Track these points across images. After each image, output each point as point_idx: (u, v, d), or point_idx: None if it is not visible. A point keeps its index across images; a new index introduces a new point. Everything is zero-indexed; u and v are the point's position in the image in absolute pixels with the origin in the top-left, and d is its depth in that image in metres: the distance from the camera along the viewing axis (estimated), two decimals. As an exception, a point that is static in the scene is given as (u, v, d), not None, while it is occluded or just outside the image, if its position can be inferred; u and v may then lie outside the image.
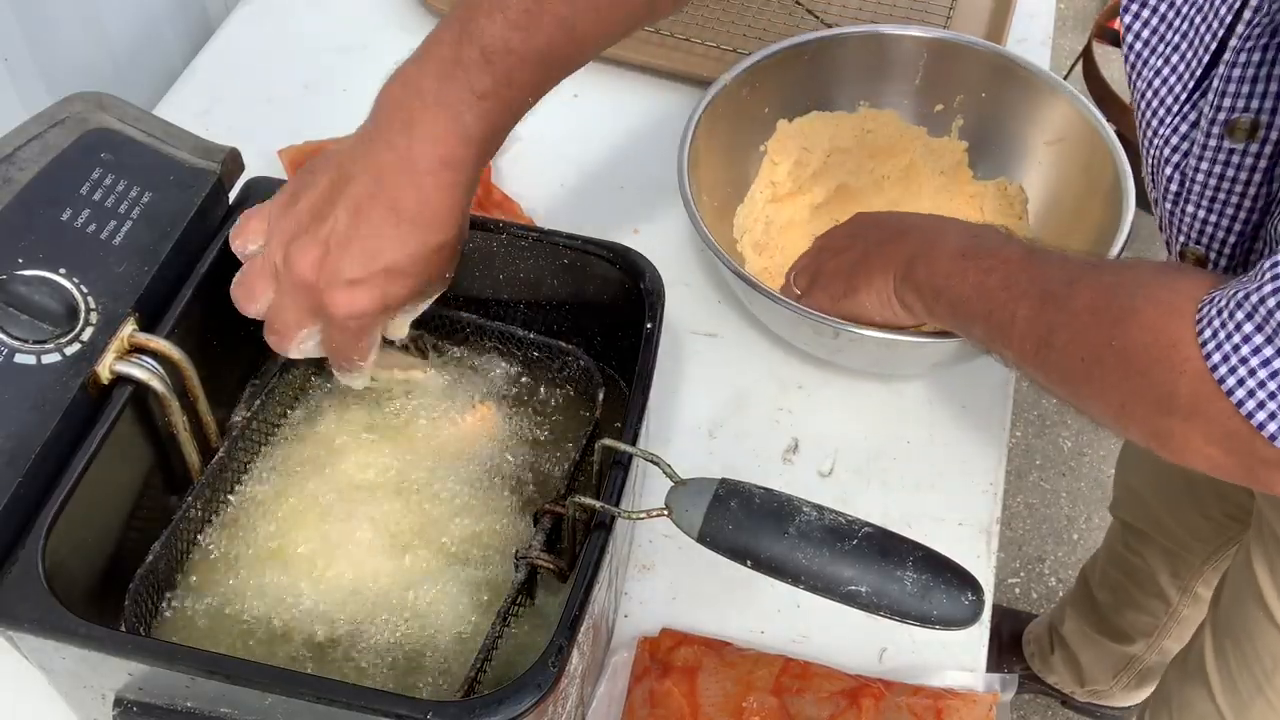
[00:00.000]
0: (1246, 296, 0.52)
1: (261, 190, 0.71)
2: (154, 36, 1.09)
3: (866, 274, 0.76)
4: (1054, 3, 1.21)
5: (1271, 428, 0.52)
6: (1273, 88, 0.58)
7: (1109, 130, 0.89)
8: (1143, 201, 0.84)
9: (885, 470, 0.83)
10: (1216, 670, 0.94)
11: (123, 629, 0.59)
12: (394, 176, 0.59)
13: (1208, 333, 0.54)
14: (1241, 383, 0.52)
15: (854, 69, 0.96)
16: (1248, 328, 0.52)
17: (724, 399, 0.86)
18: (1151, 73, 0.65)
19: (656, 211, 0.97)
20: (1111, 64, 2.34)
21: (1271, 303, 0.51)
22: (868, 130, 0.97)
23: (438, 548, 0.67)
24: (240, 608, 0.64)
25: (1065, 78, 2.08)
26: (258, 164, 0.80)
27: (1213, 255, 0.66)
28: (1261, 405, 0.52)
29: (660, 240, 0.95)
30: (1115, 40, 2.15)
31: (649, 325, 0.67)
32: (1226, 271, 0.66)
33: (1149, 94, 0.66)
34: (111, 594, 0.61)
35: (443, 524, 0.67)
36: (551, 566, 0.61)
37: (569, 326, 0.75)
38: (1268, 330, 0.51)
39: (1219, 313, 0.53)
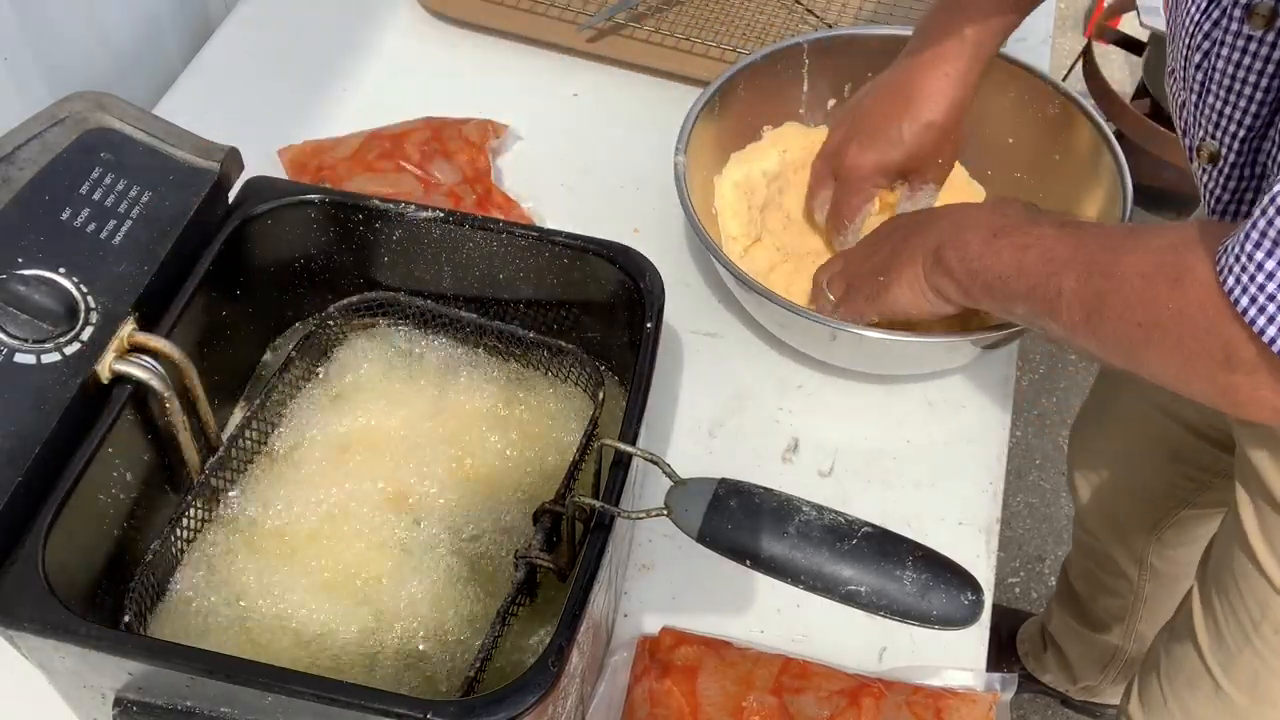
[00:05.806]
0: (1254, 228, 0.51)
1: (262, 190, 0.71)
2: (154, 36, 1.09)
3: (897, 269, 0.76)
4: (1054, 3, 1.21)
5: None
6: None
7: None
8: (1140, 201, 0.84)
9: (885, 470, 0.83)
10: (1204, 625, 0.93)
11: (122, 628, 0.60)
12: (904, 74, 0.85)
13: (1230, 279, 0.53)
14: (1272, 320, 0.51)
15: (756, 92, 0.95)
16: (1261, 258, 0.51)
17: (724, 399, 0.86)
18: None
19: (656, 211, 0.97)
20: (1111, 64, 2.34)
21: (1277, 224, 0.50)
22: (783, 150, 0.97)
23: (437, 547, 0.67)
24: (240, 606, 0.64)
25: (1065, 78, 2.09)
26: (258, 164, 0.80)
27: (1224, 150, 0.66)
28: None
29: (660, 240, 0.95)
30: (1115, 40, 2.15)
31: (649, 325, 0.67)
32: (1234, 169, 0.66)
33: None
34: (111, 594, 0.61)
35: (442, 523, 0.68)
36: (551, 566, 0.61)
37: (569, 326, 0.75)
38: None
39: (1235, 259, 0.53)
